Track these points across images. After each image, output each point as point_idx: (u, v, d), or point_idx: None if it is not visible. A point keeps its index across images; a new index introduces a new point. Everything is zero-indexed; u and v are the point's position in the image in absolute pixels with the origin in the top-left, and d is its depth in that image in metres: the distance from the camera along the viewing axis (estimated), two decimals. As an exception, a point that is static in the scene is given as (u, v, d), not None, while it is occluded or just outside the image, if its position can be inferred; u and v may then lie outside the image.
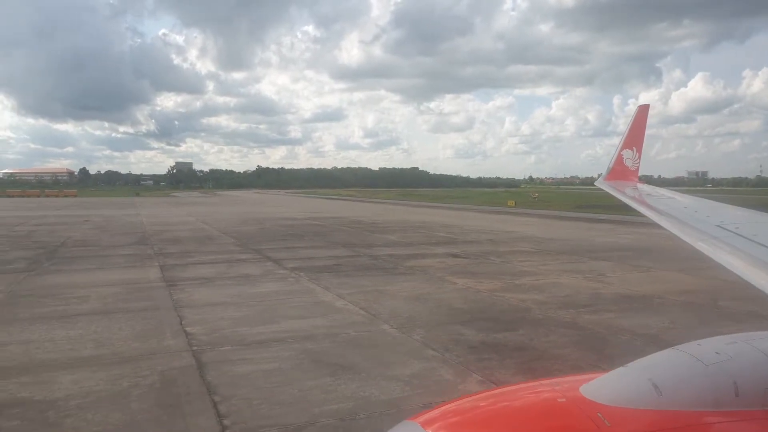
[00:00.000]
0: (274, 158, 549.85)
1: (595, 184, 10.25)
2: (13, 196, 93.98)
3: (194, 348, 8.51)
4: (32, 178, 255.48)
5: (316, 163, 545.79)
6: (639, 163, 9.53)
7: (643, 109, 9.71)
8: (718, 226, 4.58)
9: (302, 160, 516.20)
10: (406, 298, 12.20)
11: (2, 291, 12.92)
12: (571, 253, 20.50)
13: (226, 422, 5.89)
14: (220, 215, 43.58)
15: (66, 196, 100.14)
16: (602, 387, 2.09)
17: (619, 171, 9.27)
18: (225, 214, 44.81)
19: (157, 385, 7.00)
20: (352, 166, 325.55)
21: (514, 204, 60.94)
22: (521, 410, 2.13)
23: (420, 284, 13.93)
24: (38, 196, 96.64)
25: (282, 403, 6.44)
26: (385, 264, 17.40)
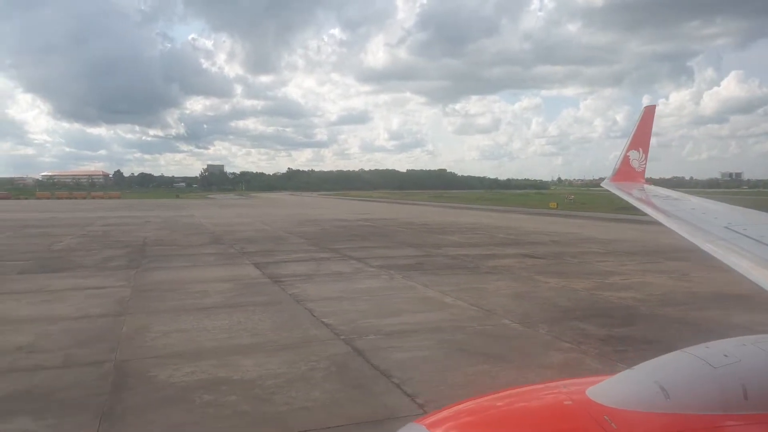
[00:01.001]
0: (301, 161, 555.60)
1: (601, 185, 10.35)
2: (61, 198, 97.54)
3: (342, 337, 9.19)
4: (70, 180, 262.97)
5: (342, 165, 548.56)
6: (645, 164, 9.46)
7: (650, 110, 9.72)
8: (726, 227, 4.68)
9: (328, 162, 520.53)
10: (509, 296, 12.73)
11: (125, 286, 13.87)
12: (642, 253, 20.75)
13: (419, 401, 6.52)
14: (271, 217, 44.67)
15: (110, 198, 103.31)
16: (609, 390, 2.09)
17: (625, 172, 9.35)
18: (276, 216, 45.90)
19: (332, 368, 7.69)
20: (377, 168, 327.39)
21: (556, 206, 60.85)
22: (528, 413, 2.13)
23: (512, 283, 14.45)
24: (84, 198, 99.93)
25: (457, 385, 7.06)
26: (466, 264, 17.96)
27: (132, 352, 8.40)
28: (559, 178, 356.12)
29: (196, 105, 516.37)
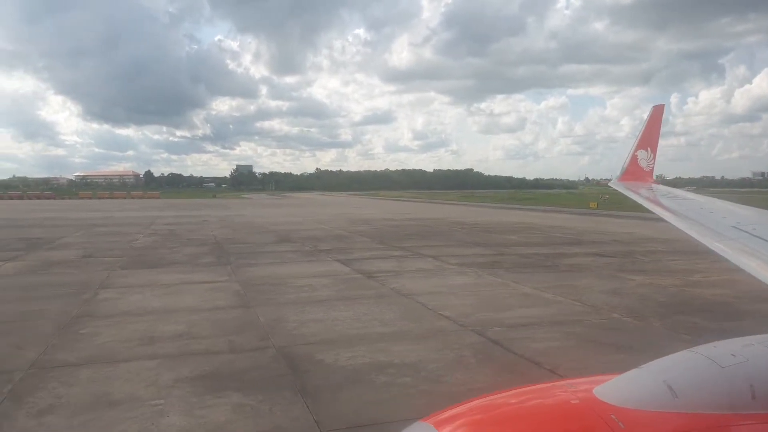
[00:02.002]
0: (325, 161, 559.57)
1: (609, 185, 10.45)
2: (102, 198, 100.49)
3: (470, 328, 9.78)
4: (102, 180, 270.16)
5: (366, 166, 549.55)
6: (654, 163, 9.55)
7: (658, 110, 9.75)
8: (734, 227, 4.67)
9: (352, 162, 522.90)
10: (604, 292, 13.17)
11: (230, 281, 14.71)
12: (708, 252, 20.82)
13: (580, 384, 7.09)
14: (320, 216, 45.62)
15: (150, 197, 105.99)
16: (616, 389, 2.10)
17: (633, 172, 9.37)
18: (324, 215, 46.86)
19: (479, 355, 8.29)
20: (401, 168, 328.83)
21: (596, 206, 60.60)
22: (534, 412, 2.14)
23: (600, 281, 14.87)
24: (124, 198, 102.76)
25: (609, 372, 7.59)
26: (542, 262, 18.42)
27: (284, 340, 9.11)
28: (587, 178, 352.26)
29: (222, 106, 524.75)
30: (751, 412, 1.98)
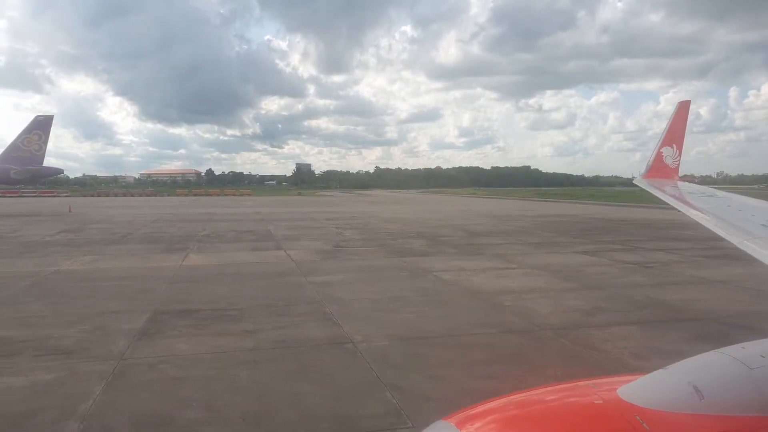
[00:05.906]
0: (370, 158, 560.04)
1: (633, 182, 10.53)
2: (198, 195, 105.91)
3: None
4: (167, 178, 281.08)
5: (410, 163, 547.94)
6: (679, 160, 9.75)
7: (684, 106, 10.00)
8: (764, 225, 4.66)
9: (397, 160, 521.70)
10: None
11: (524, 267, 16.68)
12: None
13: None
14: (442, 213, 47.06)
15: (242, 195, 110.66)
16: (641, 389, 2.09)
17: (658, 169, 9.52)
18: (450, 213, 48.73)
19: None
20: (449, 166, 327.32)
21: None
22: (557, 412, 2.13)
23: None
24: (218, 195, 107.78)
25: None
26: None
27: (669, 314, 11.00)
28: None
29: (271, 105, 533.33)
30: None
